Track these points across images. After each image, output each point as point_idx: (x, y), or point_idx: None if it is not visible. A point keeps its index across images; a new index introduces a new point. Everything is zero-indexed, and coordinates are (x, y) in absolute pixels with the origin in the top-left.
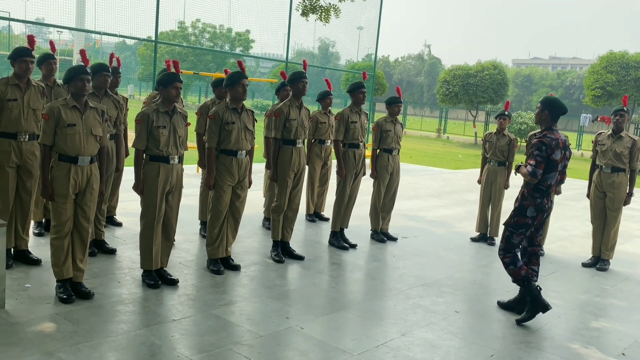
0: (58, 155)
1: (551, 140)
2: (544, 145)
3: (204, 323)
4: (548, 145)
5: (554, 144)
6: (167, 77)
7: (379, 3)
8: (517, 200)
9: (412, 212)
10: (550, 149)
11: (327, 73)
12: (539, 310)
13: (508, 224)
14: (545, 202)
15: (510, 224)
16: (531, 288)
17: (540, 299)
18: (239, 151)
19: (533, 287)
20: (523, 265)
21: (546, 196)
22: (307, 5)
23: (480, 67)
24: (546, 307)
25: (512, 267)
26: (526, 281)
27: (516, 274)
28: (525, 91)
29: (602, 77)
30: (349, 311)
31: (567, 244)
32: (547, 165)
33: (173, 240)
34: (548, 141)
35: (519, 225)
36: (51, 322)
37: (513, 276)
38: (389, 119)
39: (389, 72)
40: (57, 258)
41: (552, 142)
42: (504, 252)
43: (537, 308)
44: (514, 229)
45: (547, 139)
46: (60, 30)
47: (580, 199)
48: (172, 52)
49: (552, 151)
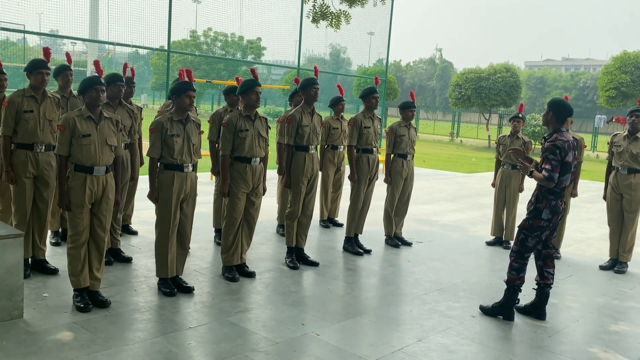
0: (74, 166)
1: (563, 142)
2: (558, 149)
3: (219, 330)
4: (562, 148)
5: (567, 146)
6: (180, 86)
7: (390, 8)
8: (530, 202)
9: (426, 216)
10: (564, 152)
11: (338, 79)
12: (502, 314)
13: (523, 226)
14: (559, 204)
15: (525, 226)
16: (513, 298)
17: (511, 310)
18: (252, 158)
19: (515, 297)
20: (522, 277)
21: (560, 198)
22: (317, 12)
23: (492, 70)
24: (509, 317)
25: (514, 272)
26: (513, 289)
27: (512, 280)
28: (538, 93)
29: (616, 77)
30: (365, 317)
31: (584, 247)
32: (562, 167)
33: (188, 248)
34: (561, 144)
35: (534, 228)
36: (69, 331)
37: (508, 280)
38: (403, 123)
39: (400, 76)
40: (74, 267)
41: (565, 145)
42: (517, 255)
43: (502, 312)
44: (529, 231)
45: (559, 142)
46: (74, 41)
47: (596, 201)
48: (185, 61)
49: (565, 153)
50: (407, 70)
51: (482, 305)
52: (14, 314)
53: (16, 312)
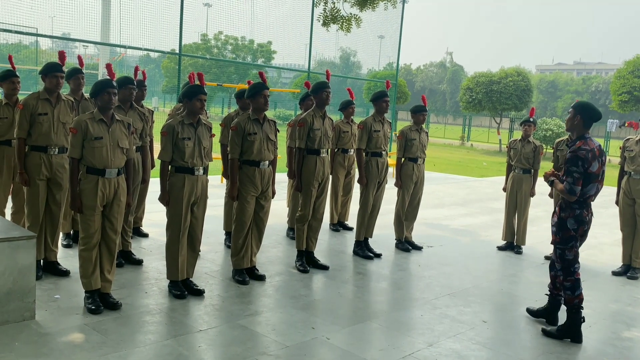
0: (86, 168)
1: (587, 152)
2: (580, 160)
3: (230, 333)
4: (585, 159)
5: (590, 156)
6: (191, 90)
7: (401, 12)
8: (554, 213)
9: (437, 220)
10: (587, 163)
11: (348, 82)
12: (570, 337)
13: (555, 242)
14: (585, 214)
15: (557, 241)
16: (577, 317)
17: (579, 330)
18: (261, 162)
19: (579, 317)
20: (580, 294)
21: (586, 207)
22: (328, 15)
23: (503, 74)
24: (577, 339)
25: (569, 292)
26: (575, 309)
27: (570, 300)
28: (549, 97)
29: (629, 81)
30: (375, 321)
31: (597, 252)
32: (586, 178)
33: (199, 250)
34: (584, 154)
35: (566, 239)
36: (80, 332)
37: (566, 301)
38: (414, 127)
39: (411, 80)
40: (86, 269)
41: (589, 155)
42: (564, 273)
43: (569, 335)
44: (564, 244)
45: (582, 152)
46: (86, 44)
47: (608, 206)
48: (196, 64)
49: (589, 164)
50: (418, 74)
51: (544, 328)
52: (26, 315)
53: (28, 313)
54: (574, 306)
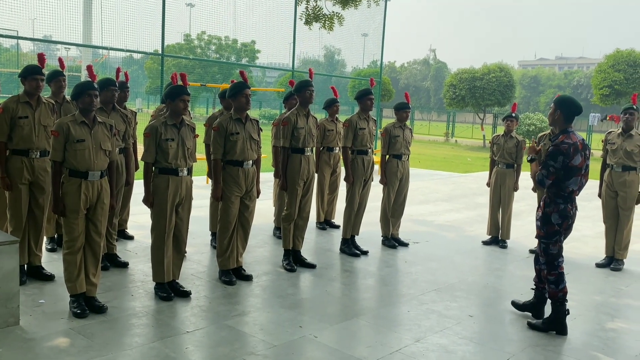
0: (68, 171)
1: (569, 146)
2: (561, 155)
3: (217, 334)
4: (566, 154)
5: (572, 149)
6: (174, 90)
7: (383, 9)
8: (539, 207)
9: (422, 216)
10: (568, 157)
11: (333, 81)
12: (555, 330)
13: (539, 236)
14: (569, 208)
15: (541, 235)
16: (561, 310)
17: (563, 323)
18: (245, 161)
19: (564, 309)
20: (564, 288)
21: (570, 202)
22: (310, 14)
23: (486, 70)
24: (562, 332)
25: (553, 286)
26: (559, 302)
27: (554, 294)
28: (532, 92)
29: (610, 75)
30: (363, 318)
31: (580, 245)
32: (567, 171)
33: (184, 252)
34: (565, 148)
35: (550, 234)
36: (66, 337)
37: (551, 295)
38: (398, 124)
39: (395, 77)
40: (70, 273)
41: (570, 149)
42: (548, 267)
43: (554, 327)
44: (547, 239)
45: (564, 146)
46: (68, 47)
47: (591, 199)
48: (179, 65)
49: (570, 158)
50: (402, 71)
51: (530, 321)
52: (10, 321)
53: (12, 319)
54: (558, 299)
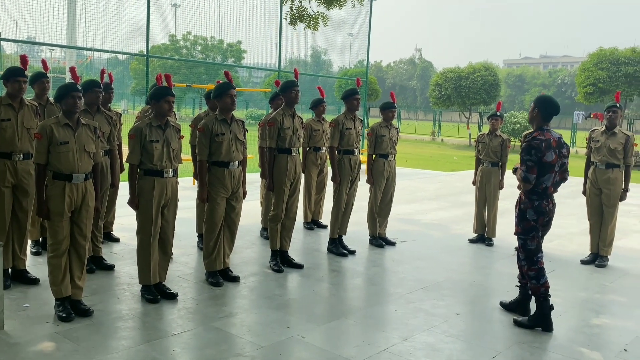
0: (52, 174)
1: (540, 142)
2: (533, 149)
3: (204, 336)
4: (537, 148)
5: (544, 145)
6: (158, 92)
7: (369, 9)
8: (516, 205)
9: (409, 215)
10: (540, 152)
11: (320, 80)
12: (540, 326)
13: (517, 232)
14: (545, 204)
15: (519, 232)
16: (545, 306)
17: (548, 318)
18: (230, 162)
19: (547, 304)
20: (546, 282)
21: (545, 198)
22: (295, 14)
23: (471, 69)
24: (548, 328)
25: (534, 282)
26: (542, 298)
27: (536, 289)
28: (517, 91)
29: (593, 74)
30: (350, 318)
31: (565, 242)
32: (541, 167)
33: (170, 254)
34: (537, 144)
35: (527, 230)
36: (51, 341)
37: (533, 291)
38: (384, 124)
39: (381, 77)
40: (55, 276)
41: (542, 144)
42: (527, 262)
43: (540, 324)
44: (525, 235)
45: (535, 142)
46: (52, 48)
47: (576, 197)
48: (165, 66)
49: (542, 153)
50: (388, 71)
51: (515, 319)
52: None
53: None
54: (540, 294)
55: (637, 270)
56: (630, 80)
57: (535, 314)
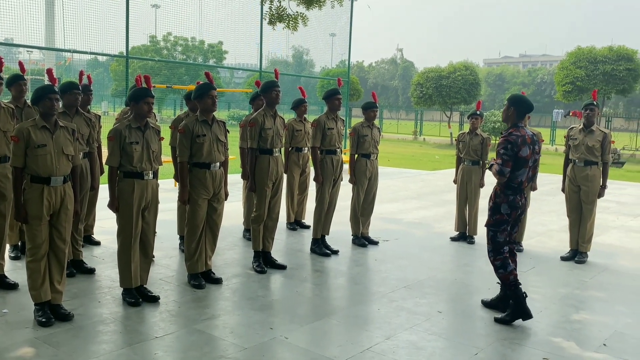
0: (30, 177)
1: (517, 137)
2: (510, 144)
3: (187, 339)
4: (514, 143)
5: (520, 141)
6: (138, 93)
7: (349, 9)
8: (490, 199)
9: (391, 214)
10: (516, 147)
11: (302, 81)
12: (519, 316)
13: (488, 224)
14: (518, 199)
15: (490, 223)
16: (518, 294)
17: (524, 306)
18: (212, 163)
19: (520, 292)
20: (513, 270)
21: (519, 193)
22: (274, 14)
23: (452, 69)
24: (527, 315)
25: (501, 270)
26: (513, 286)
27: (505, 278)
28: (497, 90)
29: (572, 72)
30: (334, 318)
31: (546, 239)
32: (516, 162)
33: (152, 256)
34: (513, 139)
35: (499, 222)
36: (31, 347)
37: (502, 280)
38: (366, 123)
39: (363, 77)
40: (34, 281)
41: (518, 140)
42: (494, 253)
43: (518, 314)
44: (496, 227)
45: (512, 137)
46: (30, 50)
47: (556, 194)
48: (145, 67)
49: (519, 148)
50: (370, 71)
51: (496, 317)
52: None
53: None
54: (510, 283)
55: (615, 266)
56: (607, 78)
57: (511, 307)
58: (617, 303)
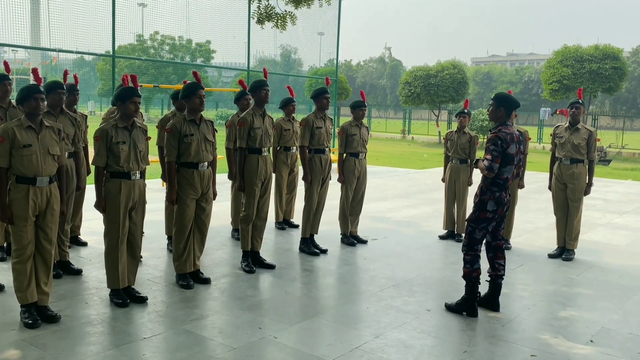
0: (15, 177)
1: (506, 134)
2: (500, 140)
3: (175, 339)
4: (503, 139)
5: (509, 138)
6: (124, 92)
7: (337, 8)
8: (476, 195)
9: (380, 213)
10: (506, 143)
11: (290, 80)
12: (465, 310)
13: (470, 219)
14: (504, 196)
15: (472, 219)
16: (473, 291)
17: (474, 305)
18: (200, 163)
19: (475, 291)
20: (478, 269)
21: (504, 190)
22: (262, 13)
23: (440, 67)
24: (473, 314)
25: (468, 266)
26: (472, 283)
27: (469, 273)
28: (485, 88)
29: (559, 71)
30: (322, 317)
31: (533, 237)
32: (504, 159)
33: (139, 257)
34: (503, 136)
35: (481, 220)
36: (17, 349)
37: (465, 274)
38: (354, 123)
39: (351, 76)
40: (20, 282)
41: (507, 137)
42: (467, 248)
43: (466, 309)
44: (476, 224)
45: (502, 134)
46: (15, 49)
47: (543, 192)
48: (132, 66)
49: (507, 145)
50: (358, 70)
51: (446, 302)
52: None
53: None
54: (472, 279)
55: (602, 263)
56: (594, 76)
57: (462, 299)
58: (604, 299)
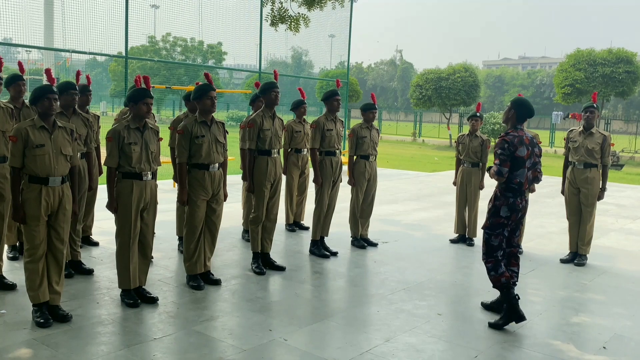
0: (28, 177)
1: (513, 137)
2: (506, 143)
3: (185, 340)
4: (510, 142)
5: (517, 140)
6: (137, 93)
7: (349, 10)
8: (490, 201)
9: (391, 216)
10: (513, 146)
11: (301, 82)
12: (513, 319)
13: (485, 226)
14: (518, 202)
15: (486, 226)
16: (510, 296)
17: (517, 308)
18: (211, 164)
19: (512, 295)
20: (505, 272)
21: (519, 195)
22: (276, 15)
23: (451, 70)
24: (521, 318)
25: (493, 273)
26: (505, 288)
27: (496, 280)
28: (497, 92)
29: (571, 74)
30: (333, 320)
31: (545, 241)
32: (514, 162)
33: (150, 257)
34: (510, 139)
35: (495, 226)
36: (28, 348)
37: (493, 282)
38: (365, 125)
39: (362, 78)
40: (32, 282)
41: (515, 139)
42: (486, 256)
43: (512, 317)
44: (491, 230)
45: (509, 137)
46: (29, 49)
47: (555, 196)
48: (144, 67)
49: (515, 148)
50: (369, 72)
51: (490, 322)
52: None
53: None
54: (502, 285)
55: (615, 269)
56: (607, 80)
57: (504, 310)
58: (617, 306)
